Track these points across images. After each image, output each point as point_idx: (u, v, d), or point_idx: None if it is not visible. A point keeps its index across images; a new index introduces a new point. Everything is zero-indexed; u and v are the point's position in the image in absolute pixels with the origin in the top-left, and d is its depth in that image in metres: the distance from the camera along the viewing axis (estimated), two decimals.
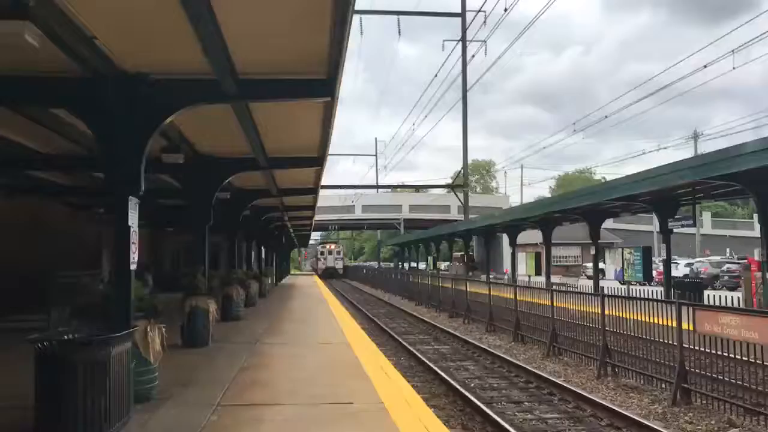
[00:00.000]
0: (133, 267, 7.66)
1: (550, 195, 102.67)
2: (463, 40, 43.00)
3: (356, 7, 6.73)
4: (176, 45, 7.15)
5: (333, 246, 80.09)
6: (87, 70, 7.47)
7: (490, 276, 35.13)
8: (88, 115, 7.76)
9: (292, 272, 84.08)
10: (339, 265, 77.77)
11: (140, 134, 7.69)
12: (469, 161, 58.41)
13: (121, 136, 7.56)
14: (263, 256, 32.59)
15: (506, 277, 36.04)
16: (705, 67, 25.34)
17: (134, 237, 7.73)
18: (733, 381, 10.02)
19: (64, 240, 21.37)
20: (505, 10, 44.12)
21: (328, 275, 72.41)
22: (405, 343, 18.11)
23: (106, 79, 7.63)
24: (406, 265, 70.36)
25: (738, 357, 9.86)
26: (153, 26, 6.78)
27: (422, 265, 74.39)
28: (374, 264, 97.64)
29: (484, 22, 64.51)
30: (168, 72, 8.00)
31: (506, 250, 53.82)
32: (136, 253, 7.86)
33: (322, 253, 78.36)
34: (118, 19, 6.56)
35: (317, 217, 42.85)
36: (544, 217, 27.90)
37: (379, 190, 76.48)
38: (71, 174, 17.02)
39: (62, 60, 7.12)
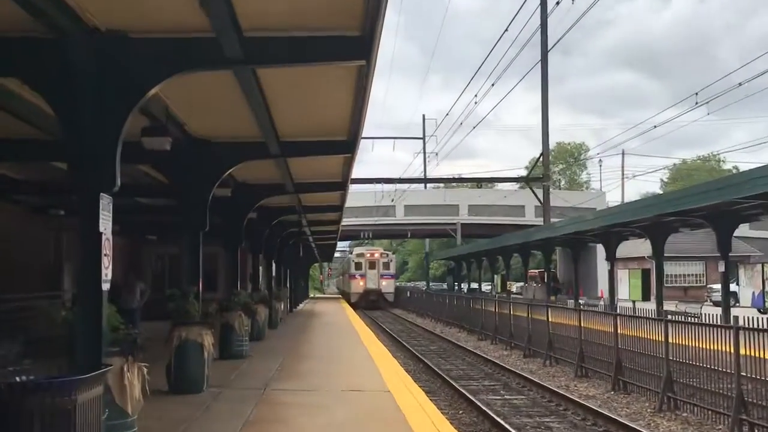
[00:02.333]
0: (105, 287, 7.72)
1: (661, 191, 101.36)
2: None
3: None
4: None
5: (377, 253, 67.56)
6: (47, 29, 7.61)
7: (580, 301, 34.74)
8: (47, 86, 7.97)
9: (310, 294, 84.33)
10: (388, 286, 66.26)
11: (115, 111, 7.81)
12: (551, 145, 57.99)
13: (91, 115, 7.71)
14: (273, 273, 32.73)
15: (602, 302, 35.65)
16: None
17: (107, 247, 7.77)
18: None
19: (13, 252, 21.71)
20: None
21: (368, 303, 63.23)
22: (465, 392, 18.02)
23: (71, 39, 7.75)
24: (464, 286, 69.98)
25: None
26: None
27: (486, 286, 73.96)
28: (420, 284, 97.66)
29: None
30: (151, 29, 8.14)
31: (601, 266, 53.46)
32: (110, 267, 7.87)
33: (358, 266, 65.76)
34: None
35: (345, 222, 42.97)
36: (655, 220, 27.48)
37: (428, 185, 76.31)
38: (22, 165, 17.36)
39: (14, 15, 7.24)
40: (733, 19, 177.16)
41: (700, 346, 15.08)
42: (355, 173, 22.51)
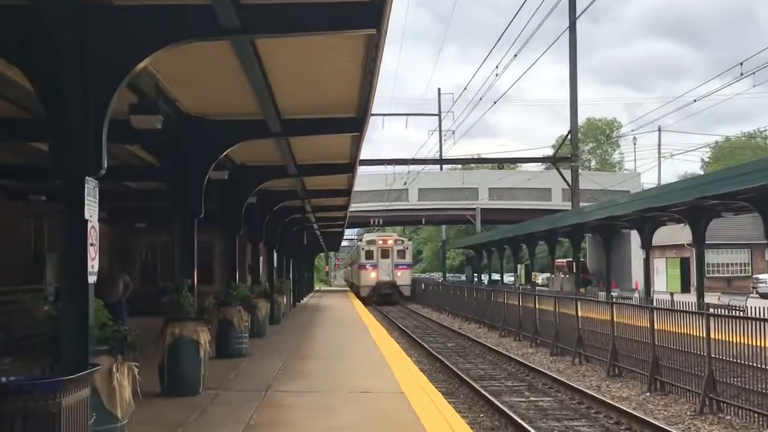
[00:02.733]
0: (91, 279, 7.74)
1: (701, 171, 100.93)
2: None
3: None
4: None
5: (391, 240, 65.64)
6: None
7: (613, 293, 34.62)
8: (24, 58, 7.91)
9: (315, 287, 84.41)
10: (404, 277, 64.00)
11: (101, 86, 7.77)
12: (580, 122, 57.80)
13: (73, 90, 7.69)
14: (275, 263, 32.96)
15: (636, 294, 35.52)
16: None
17: (93, 235, 7.81)
18: None
19: None
20: None
21: (381, 298, 61.43)
22: (486, 393, 18.03)
23: (49, 5, 7.69)
24: (484, 277, 69.93)
25: None
26: None
27: (509, 278, 73.78)
28: (436, 276, 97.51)
29: None
30: None
31: (636, 254, 53.43)
32: (96, 258, 7.93)
33: (368, 255, 63.25)
34: None
35: (353, 207, 42.97)
36: (694, 204, 27.36)
37: (444, 166, 76.16)
38: None
39: None
40: None
41: (746, 342, 15.00)
42: (364, 154, 22.52)
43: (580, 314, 24.41)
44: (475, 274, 75.20)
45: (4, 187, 22.56)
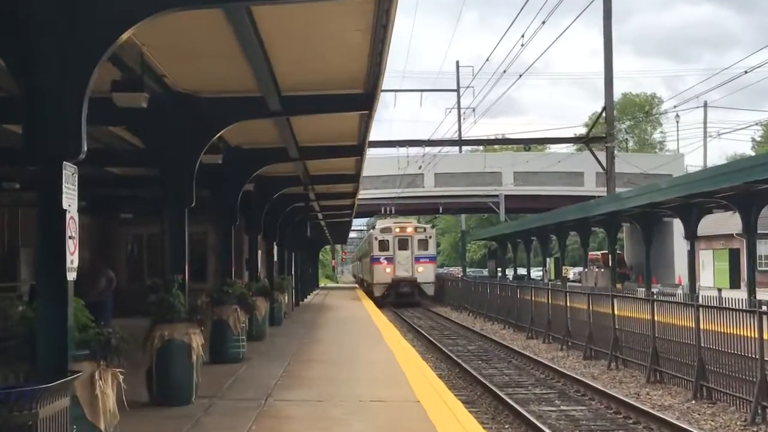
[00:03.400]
0: (70, 276, 7.73)
1: (752, 152, 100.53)
2: None
3: None
4: None
5: (411, 227, 60.97)
6: None
7: (653, 290, 34.50)
8: None
9: (320, 284, 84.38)
10: (426, 273, 59.22)
11: (80, 60, 7.75)
12: (616, 97, 57.54)
13: (49, 64, 7.65)
14: (275, 258, 33.03)
15: (679, 290, 35.47)
16: None
17: (72, 227, 7.79)
18: None
19: None
20: None
21: (399, 298, 57.45)
22: (512, 402, 18.02)
23: None
24: (509, 272, 69.90)
25: None
26: None
27: (536, 273, 73.55)
28: (455, 271, 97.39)
29: None
30: None
31: (679, 245, 53.46)
32: (76, 253, 7.91)
33: (383, 246, 58.98)
34: None
35: (362, 194, 42.89)
36: (745, 189, 27.22)
37: (464, 148, 75.84)
38: None
39: None
40: None
41: None
42: (374, 135, 22.47)
43: (616, 313, 24.34)
44: (499, 269, 75.12)
45: None
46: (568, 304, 29.81)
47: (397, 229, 59.68)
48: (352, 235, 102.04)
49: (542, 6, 28.06)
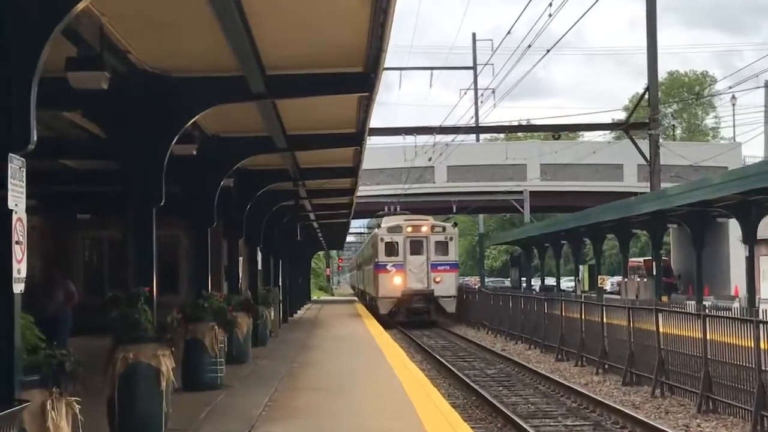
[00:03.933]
0: (17, 288, 7.75)
1: None
2: None
3: None
4: None
5: (426, 226, 52.06)
6: None
7: (705, 303, 33.60)
8: None
9: (313, 296, 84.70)
10: (446, 284, 50.50)
11: (28, 34, 7.79)
12: (660, 77, 56.33)
13: None
14: (260, 266, 32.52)
15: (736, 304, 34.67)
16: None
17: (19, 230, 7.81)
18: None
19: None
20: None
21: (411, 315, 50.13)
22: None
23: None
24: (535, 282, 68.84)
25: None
26: None
27: (567, 283, 72.66)
28: (472, 281, 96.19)
29: None
30: None
31: (736, 251, 52.66)
32: (24, 260, 7.95)
33: (390, 249, 50.99)
34: None
35: (361, 191, 42.30)
36: None
37: (482, 136, 75.26)
38: None
39: None
40: None
41: None
42: (375, 121, 22.39)
43: (661, 330, 23.42)
44: (523, 278, 74.81)
45: None
46: (604, 319, 28.89)
47: (409, 228, 51.40)
48: (349, 239, 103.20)
49: None
